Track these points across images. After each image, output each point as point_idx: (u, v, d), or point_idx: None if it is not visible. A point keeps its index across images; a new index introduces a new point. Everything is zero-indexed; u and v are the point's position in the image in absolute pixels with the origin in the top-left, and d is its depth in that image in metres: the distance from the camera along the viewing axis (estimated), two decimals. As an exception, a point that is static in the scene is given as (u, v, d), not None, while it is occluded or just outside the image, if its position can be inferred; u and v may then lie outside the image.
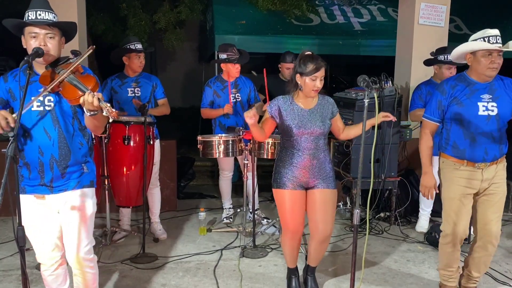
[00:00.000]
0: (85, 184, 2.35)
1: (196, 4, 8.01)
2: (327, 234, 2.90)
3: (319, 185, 2.86)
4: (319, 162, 2.85)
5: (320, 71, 2.72)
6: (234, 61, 4.19)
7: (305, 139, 2.81)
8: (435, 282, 3.31)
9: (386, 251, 3.88)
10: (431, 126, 2.91)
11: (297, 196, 2.86)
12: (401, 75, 5.26)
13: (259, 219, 4.42)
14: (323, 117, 2.83)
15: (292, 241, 2.97)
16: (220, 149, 3.98)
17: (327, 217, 2.86)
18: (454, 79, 2.84)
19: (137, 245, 3.88)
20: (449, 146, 2.86)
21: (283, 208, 2.89)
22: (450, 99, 2.77)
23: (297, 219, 2.87)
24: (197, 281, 3.28)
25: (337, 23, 7.36)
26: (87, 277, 2.46)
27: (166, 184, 4.90)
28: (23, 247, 1.87)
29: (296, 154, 2.83)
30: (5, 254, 3.70)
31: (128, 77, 4.04)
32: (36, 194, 2.28)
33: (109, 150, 3.77)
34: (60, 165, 2.25)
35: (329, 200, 2.88)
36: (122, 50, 3.98)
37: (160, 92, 4.13)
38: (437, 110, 2.84)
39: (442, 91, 2.81)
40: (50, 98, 2.22)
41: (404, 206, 4.58)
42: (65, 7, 4.47)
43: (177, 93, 11.12)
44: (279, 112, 2.82)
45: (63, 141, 2.24)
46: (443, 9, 5.00)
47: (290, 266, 3.15)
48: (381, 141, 4.35)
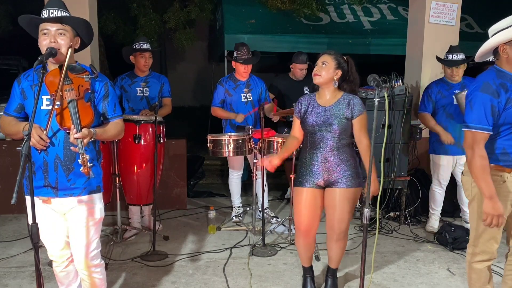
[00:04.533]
0: (91, 190, 2.33)
1: (206, 4, 8.04)
2: (343, 232, 2.89)
3: (337, 184, 2.82)
4: (338, 161, 2.80)
5: (321, 57, 2.83)
6: (239, 61, 4.22)
7: (321, 136, 2.80)
8: (444, 282, 3.30)
9: (396, 251, 3.87)
10: (484, 137, 2.34)
11: (312, 195, 2.85)
12: (411, 74, 5.23)
13: (268, 218, 4.44)
14: (336, 116, 2.79)
15: (304, 240, 2.97)
16: (230, 148, 4.00)
17: (343, 216, 2.84)
18: (493, 77, 2.36)
19: (147, 243, 3.92)
20: (494, 155, 2.40)
21: (299, 207, 2.89)
22: (505, 102, 2.31)
23: (309, 218, 2.87)
24: (207, 279, 3.31)
25: (347, 22, 7.34)
26: (95, 282, 2.44)
27: (176, 183, 4.94)
28: (37, 244, 1.89)
29: (312, 152, 2.83)
30: (18, 250, 3.75)
31: (138, 76, 4.09)
32: (42, 197, 2.26)
33: (120, 149, 3.81)
34: (65, 166, 2.23)
35: (347, 199, 2.83)
36: (129, 49, 4.04)
37: (166, 90, 4.18)
38: (490, 117, 2.31)
39: (492, 93, 2.30)
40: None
41: (414, 205, 4.56)
42: (76, 6, 4.50)
43: (187, 92, 11.16)
44: (301, 109, 2.89)
45: (69, 142, 2.19)
46: (454, 8, 4.96)
47: (304, 265, 3.14)
48: (391, 140, 4.33)
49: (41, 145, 2.12)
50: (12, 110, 2.29)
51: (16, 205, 1.71)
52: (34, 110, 1.95)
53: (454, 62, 4.12)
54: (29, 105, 2.26)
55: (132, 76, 4.12)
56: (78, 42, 2.30)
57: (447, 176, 4.27)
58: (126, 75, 4.16)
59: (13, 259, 3.61)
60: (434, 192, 4.34)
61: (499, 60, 2.43)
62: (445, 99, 4.15)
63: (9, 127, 2.28)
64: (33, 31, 2.25)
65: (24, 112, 2.31)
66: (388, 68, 4.72)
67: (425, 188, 4.57)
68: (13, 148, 4.54)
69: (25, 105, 2.29)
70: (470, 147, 2.36)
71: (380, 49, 6.93)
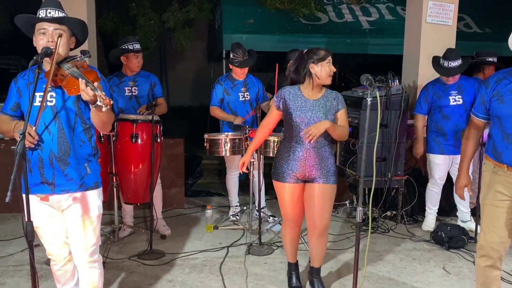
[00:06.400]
0: (89, 186, 2.33)
1: (205, 4, 8.06)
2: (324, 228, 2.92)
3: (318, 180, 2.86)
4: (319, 156, 2.84)
5: (330, 55, 2.81)
6: (235, 64, 4.24)
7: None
8: (440, 281, 3.31)
9: (392, 250, 3.89)
10: (475, 122, 2.60)
11: (296, 190, 2.90)
12: (408, 74, 5.24)
13: (265, 217, 4.45)
14: (326, 110, 2.82)
15: (292, 230, 3.03)
16: (227, 147, 4.01)
17: (324, 212, 2.87)
18: (505, 72, 2.47)
19: (144, 241, 3.93)
20: (489, 147, 2.54)
21: (283, 200, 2.95)
22: (492, 93, 2.45)
23: (296, 209, 2.95)
24: (203, 278, 3.33)
25: (345, 22, 7.36)
26: (93, 277, 2.46)
27: (174, 182, 4.95)
28: (32, 242, 1.91)
29: (295, 146, 2.84)
30: (16, 249, 3.77)
31: (126, 76, 4.08)
32: (40, 195, 2.26)
33: (117, 148, 3.83)
34: (60, 161, 2.23)
35: (327, 195, 2.88)
36: (121, 50, 4.02)
37: (159, 90, 4.17)
38: (480, 105, 2.54)
39: (486, 84, 2.50)
40: (52, 93, 2.23)
41: (411, 205, 4.57)
42: (74, 6, 4.52)
43: (186, 92, 11.20)
44: (284, 101, 2.87)
45: (63, 136, 2.23)
46: (451, 8, 4.97)
47: (290, 261, 3.17)
48: (388, 140, 4.35)
49: (29, 142, 2.11)
50: (8, 109, 2.32)
51: (14, 204, 1.73)
52: (29, 109, 1.96)
53: (450, 71, 4.08)
54: (24, 103, 2.28)
55: (120, 76, 4.11)
56: (74, 42, 2.33)
57: (444, 175, 4.28)
58: (114, 75, 4.15)
59: (10, 257, 3.63)
60: (430, 192, 4.36)
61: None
62: (441, 100, 4.16)
63: (2, 125, 2.31)
64: (29, 30, 2.26)
65: (20, 110, 2.33)
66: (386, 67, 4.73)
67: (421, 187, 4.58)
68: (11, 147, 4.57)
69: (21, 103, 2.31)
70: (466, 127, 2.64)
71: (378, 49, 6.96)
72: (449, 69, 4.08)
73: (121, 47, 4.02)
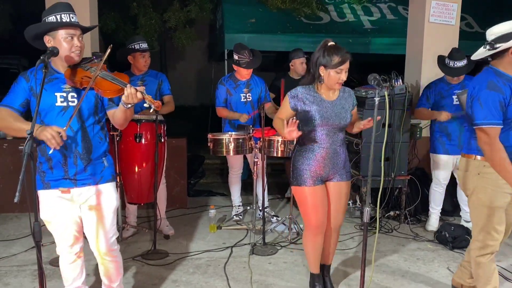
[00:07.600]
0: (108, 179, 2.45)
1: (206, 3, 8.06)
2: (338, 225, 2.96)
3: (335, 178, 2.87)
4: (338, 155, 2.83)
5: (346, 64, 2.64)
6: (242, 65, 4.21)
7: (326, 131, 2.77)
8: (444, 281, 3.31)
9: (396, 250, 3.88)
10: (499, 131, 2.42)
11: (318, 191, 2.83)
12: (411, 73, 5.24)
13: (268, 217, 4.45)
14: (345, 110, 2.79)
15: (316, 237, 2.90)
16: (230, 147, 4.01)
17: (339, 209, 2.91)
18: (494, 76, 2.45)
19: (148, 241, 3.93)
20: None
21: (305, 205, 2.85)
22: (509, 99, 2.39)
23: (320, 214, 2.84)
24: (208, 278, 3.32)
25: (347, 21, 7.35)
26: (114, 265, 2.59)
27: (177, 182, 4.94)
28: (39, 242, 1.91)
29: (315, 147, 2.79)
30: (19, 249, 3.76)
31: (134, 75, 4.08)
32: (62, 188, 2.34)
33: (121, 148, 3.82)
34: (84, 159, 2.34)
35: (344, 192, 2.91)
36: (127, 49, 4.02)
37: (166, 88, 4.15)
38: (500, 112, 2.39)
39: (499, 91, 2.39)
40: (73, 94, 2.31)
41: (414, 204, 4.57)
42: (78, 6, 4.49)
43: (187, 92, 11.17)
44: (303, 103, 2.75)
45: (86, 135, 2.34)
46: (454, 7, 4.96)
47: (313, 271, 3.05)
48: (391, 139, 4.34)
49: (56, 143, 2.10)
50: (17, 105, 2.30)
51: (18, 204, 1.73)
52: (36, 110, 1.99)
53: (455, 71, 4.06)
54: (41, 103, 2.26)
55: (128, 75, 4.10)
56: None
57: (447, 175, 4.28)
58: None
59: (14, 257, 3.62)
60: (434, 192, 4.36)
61: (498, 61, 2.47)
62: (445, 99, 4.15)
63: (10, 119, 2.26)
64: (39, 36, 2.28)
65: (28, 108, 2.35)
66: (388, 67, 4.73)
67: (425, 187, 4.58)
68: (14, 147, 4.56)
69: (33, 102, 2.31)
70: (487, 143, 2.39)
71: (380, 48, 6.94)
72: (455, 69, 4.07)
73: (127, 46, 4.03)
